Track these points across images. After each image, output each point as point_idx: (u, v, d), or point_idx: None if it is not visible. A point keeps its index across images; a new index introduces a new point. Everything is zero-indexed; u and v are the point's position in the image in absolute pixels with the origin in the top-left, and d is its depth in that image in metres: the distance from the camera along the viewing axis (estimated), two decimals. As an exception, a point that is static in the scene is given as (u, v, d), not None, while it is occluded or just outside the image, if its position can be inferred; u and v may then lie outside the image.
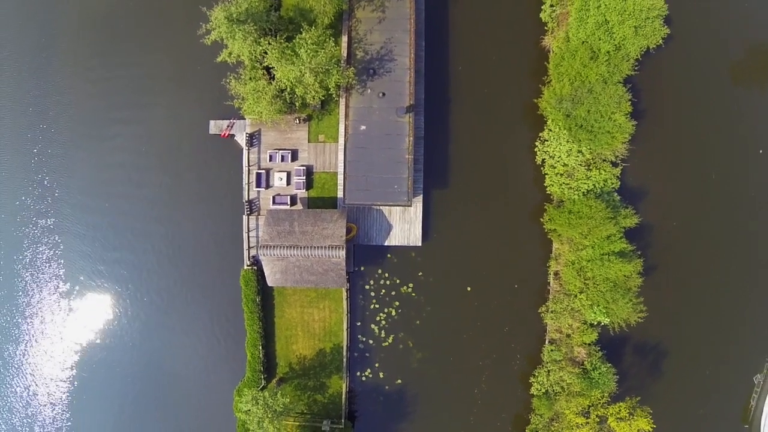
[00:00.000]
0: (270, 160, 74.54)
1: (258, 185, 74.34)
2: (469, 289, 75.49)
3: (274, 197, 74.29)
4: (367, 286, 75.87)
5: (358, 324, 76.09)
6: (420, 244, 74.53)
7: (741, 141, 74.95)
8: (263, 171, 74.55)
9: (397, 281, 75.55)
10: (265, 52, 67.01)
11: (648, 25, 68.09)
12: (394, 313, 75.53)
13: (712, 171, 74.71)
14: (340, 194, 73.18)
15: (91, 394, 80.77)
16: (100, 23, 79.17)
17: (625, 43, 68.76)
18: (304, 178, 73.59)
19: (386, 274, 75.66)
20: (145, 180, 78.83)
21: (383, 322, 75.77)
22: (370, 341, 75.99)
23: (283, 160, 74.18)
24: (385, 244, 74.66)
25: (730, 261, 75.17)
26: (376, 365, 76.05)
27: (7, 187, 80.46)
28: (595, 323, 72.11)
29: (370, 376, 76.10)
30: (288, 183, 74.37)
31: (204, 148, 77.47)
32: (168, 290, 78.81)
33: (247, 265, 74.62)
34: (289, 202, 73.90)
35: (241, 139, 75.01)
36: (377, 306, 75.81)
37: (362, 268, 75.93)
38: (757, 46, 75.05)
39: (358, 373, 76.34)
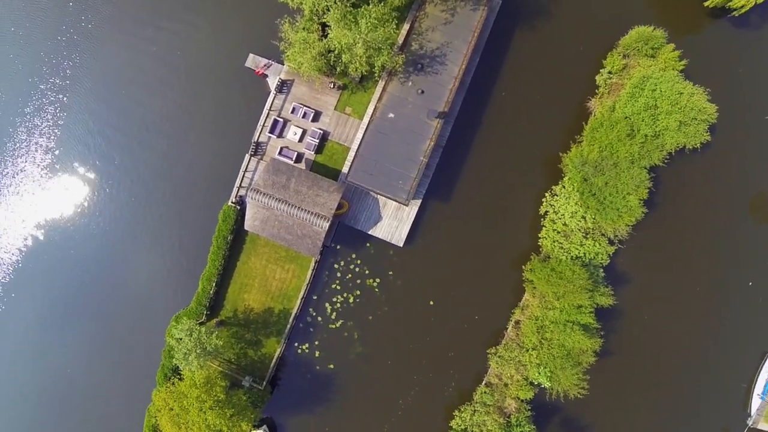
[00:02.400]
0: (292, 112, 74.17)
1: (271, 131, 73.96)
2: (431, 303, 75.33)
3: (281, 148, 73.93)
4: (336, 265, 75.59)
5: (314, 298, 75.81)
6: (401, 245, 74.28)
7: (736, 269, 75.16)
8: (281, 120, 74.19)
9: (366, 272, 75.31)
10: (328, 9, 66.66)
11: (693, 125, 68.27)
12: (352, 300, 75.25)
13: (699, 285, 74.92)
14: (345, 169, 72.96)
15: (35, 273, 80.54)
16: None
17: (665, 134, 68.90)
18: (318, 141, 73.26)
19: (358, 261, 75.41)
20: (165, 92, 78.32)
21: (338, 305, 75.50)
22: (319, 318, 75.69)
23: (304, 116, 73.84)
24: (369, 232, 74.37)
25: (683, 377, 75.41)
26: (316, 343, 75.76)
27: (32, 48, 79.62)
28: (536, 383, 72.27)
29: (307, 351, 75.78)
30: (300, 140, 74.05)
31: (233, 78, 77.03)
32: (147, 200, 78.38)
33: (232, 202, 74.18)
34: (294, 158, 73.55)
35: (272, 82, 74.67)
36: (338, 288, 75.53)
37: (338, 247, 75.66)
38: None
39: (296, 344, 76.02)
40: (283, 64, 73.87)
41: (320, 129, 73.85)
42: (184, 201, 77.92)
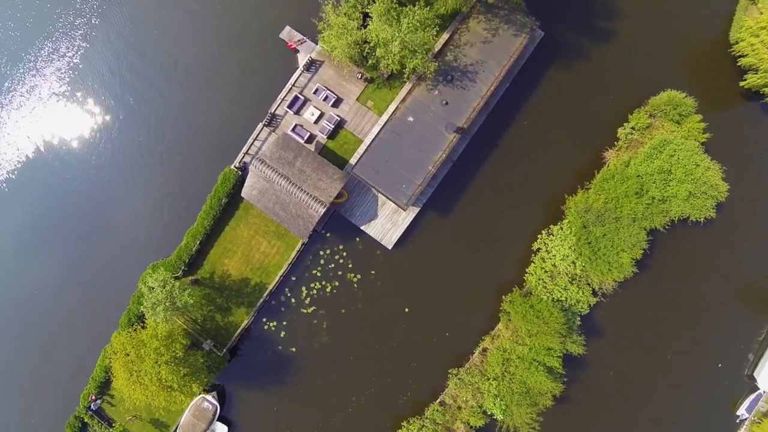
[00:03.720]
0: (314, 92, 73.96)
1: (290, 107, 73.70)
2: (407, 310, 75.26)
3: (296, 125, 73.73)
4: (321, 252, 75.45)
5: (293, 279, 75.63)
6: (389, 248, 74.17)
7: (709, 348, 75.17)
8: (302, 98, 73.95)
9: (350, 265, 75.16)
10: (374, 0, 66.54)
11: (702, 198, 68.30)
12: (329, 289, 75.08)
13: (671, 355, 74.95)
14: (353, 160, 72.87)
15: (27, 189, 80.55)
16: None
17: (672, 201, 68.89)
18: (333, 126, 73.07)
19: (344, 253, 75.27)
20: (193, 45, 78.32)
21: (314, 292, 75.34)
22: (293, 300, 75.52)
23: (325, 100, 73.63)
24: (362, 227, 74.23)
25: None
26: (284, 323, 75.60)
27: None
28: (489, 413, 72.28)
29: (273, 329, 75.62)
30: (316, 122, 73.85)
31: (265, 46, 77.00)
32: (152, 146, 78.40)
33: (235, 167, 73.88)
34: (305, 138, 73.31)
35: (302, 59, 74.45)
36: (318, 275, 75.38)
37: (328, 234, 75.52)
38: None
39: (264, 320, 75.85)
40: (317, 44, 73.64)
41: (338, 116, 73.65)
42: (188, 155, 77.76)
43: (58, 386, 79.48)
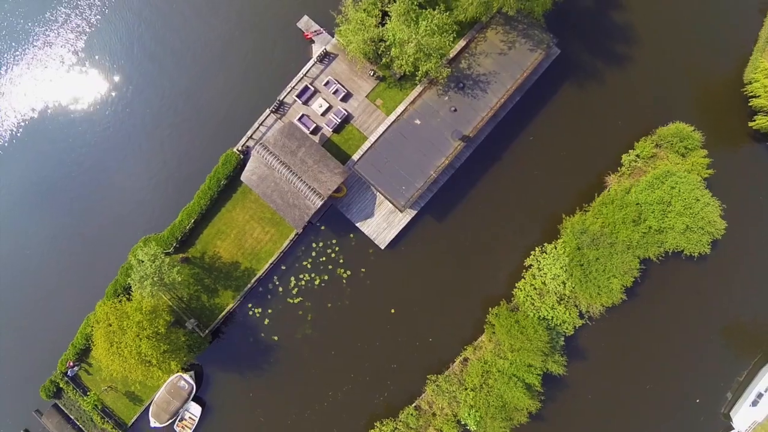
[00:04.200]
0: (325, 84, 73.86)
1: (299, 96, 73.62)
2: (393, 311, 75.24)
3: (302, 115, 73.65)
4: (314, 244, 75.41)
5: (282, 268, 75.59)
6: (382, 248, 74.16)
7: (688, 383, 75.34)
8: (312, 89, 73.85)
9: (341, 261, 75.15)
10: (395, 0, 66.47)
11: (698, 233, 68.18)
12: (317, 282, 75.07)
13: (650, 385, 75.02)
14: (355, 157, 72.89)
15: (29, 146, 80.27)
16: None
17: (668, 233, 68.88)
18: (339, 121, 73.03)
19: (336, 248, 75.23)
20: (213, 22, 78.33)
21: (302, 283, 75.29)
22: (280, 289, 75.46)
23: (335, 93, 73.56)
24: (357, 224, 74.19)
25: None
26: (269, 311, 75.54)
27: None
28: (463, 423, 72.31)
29: (258, 315, 75.56)
30: (323, 114, 73.77)
31: (282, 33, 76.95)
32: (159, 117, 78.25)
33: (237, 150, 73.74)
34: (311, 129, 73.23)
35: (316, 50, 74.36)
36: (308, 266, 75.33)
37: (322, 227, 75.46)
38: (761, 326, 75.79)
39: (250, 305, 75.80)
40: (333, 37, 73.59)
41: (346, 110, 73.56)
42: (194, 132, 77.67)
43: (37, 348, 79.17)
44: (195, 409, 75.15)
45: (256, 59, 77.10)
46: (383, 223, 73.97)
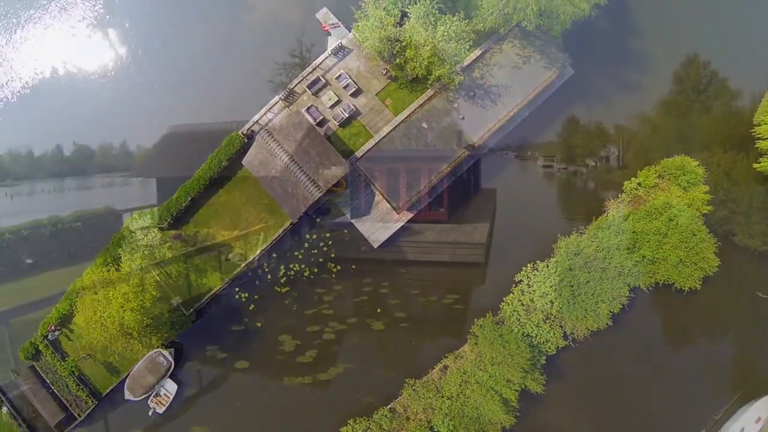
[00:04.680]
0: (337, 78, 73.66)
1: (309, 87, 73.35)
2: (379, 311, 75.11)
3: (310, 106, 73.41)
4: (307, 236, 75.25)
5: (273, 255, 75.40)
6: (375, 247, 74.04)
7: (664, 416, 74.41)
8: (323, 81, 73.67)
9: (332, 255, 75.04)
10: (416, 2, 66.43)
11: (690, 267, 68.24)
12: (307, 273, 74.91)
13: (626, 412, 74.58)
14: (358, 153, 72.71)
15: (35, 107, 79.87)
16: None
17: (661, 264, 68.97)
18: (347, 115, 72.78)
19: (330, 242, 75.07)
20: (230, 3, 78.29)
21: (291, 273, 75.12)
22: (269, 276, 75.28)
23: (345, 87, 73.38)
24: (352, 220, 74.10)
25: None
26: (255, 297, 75.36)
27: None
28: (436, 430, 72.02)
29: (243, 300, 75.36)
30: (331, 107, 73.59)
31: (299, 22, 76.61)
32: (168, 92, 78.25)
33: (242, 133, 73.61)
34: (317, 121, 73.05)
35: (332, 43, 74.16)
36: (300, 257, 75.16)
37: (318, 220, 75.33)
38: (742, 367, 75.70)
39: (237, 290, 75.53)
40: (350, 32, 73.44)
41: (354, 106, 73.37)
42: (200, 110, 77.28)
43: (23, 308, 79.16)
44: (171, 387, 74.94)
45: (270, 46, 76.83)
46: (379, 223, 73.87)
